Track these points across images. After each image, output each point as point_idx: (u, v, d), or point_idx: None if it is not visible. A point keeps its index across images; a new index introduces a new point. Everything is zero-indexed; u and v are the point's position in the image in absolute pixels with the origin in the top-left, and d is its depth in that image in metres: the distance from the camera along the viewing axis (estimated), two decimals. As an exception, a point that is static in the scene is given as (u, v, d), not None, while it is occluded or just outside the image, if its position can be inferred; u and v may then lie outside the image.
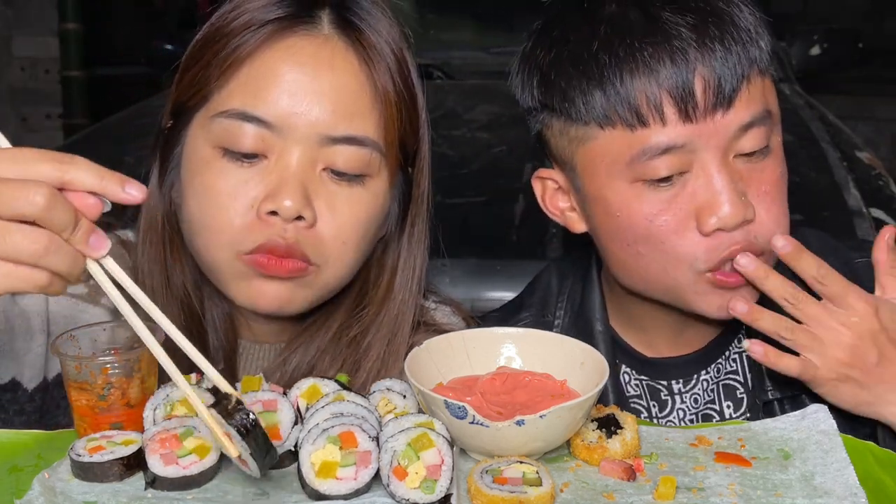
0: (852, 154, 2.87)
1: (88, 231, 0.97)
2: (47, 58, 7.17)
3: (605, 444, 1.12)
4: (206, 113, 1.29)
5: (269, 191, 1.25)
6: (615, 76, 1.29)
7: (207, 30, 1.31)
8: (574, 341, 1.24)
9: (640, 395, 1.51)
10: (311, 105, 1.25)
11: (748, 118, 1.30)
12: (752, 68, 1.30)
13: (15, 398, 1.32)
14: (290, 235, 1.26)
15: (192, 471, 1.05)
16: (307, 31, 1.28)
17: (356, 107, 1.28)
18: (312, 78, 1.26)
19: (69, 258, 0.96)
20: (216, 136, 1.27)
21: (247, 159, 1.26)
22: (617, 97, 1.29)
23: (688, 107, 1.27)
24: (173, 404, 1.13)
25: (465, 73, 3.36)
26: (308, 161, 1.26)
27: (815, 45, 3.92)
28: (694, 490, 1.06)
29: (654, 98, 1.28)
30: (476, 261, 2.29)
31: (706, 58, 1.28)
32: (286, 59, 1.26)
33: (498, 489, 1.01)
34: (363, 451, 1.04)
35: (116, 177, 0.98)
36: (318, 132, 1.26)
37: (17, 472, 1.09)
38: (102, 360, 1.16)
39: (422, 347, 1.22)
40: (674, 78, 1.27)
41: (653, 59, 1.28)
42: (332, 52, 1.28)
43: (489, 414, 1.10)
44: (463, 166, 2.57)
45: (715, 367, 1.50)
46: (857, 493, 1.04)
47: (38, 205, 0.92)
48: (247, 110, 1.25)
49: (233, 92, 1.26)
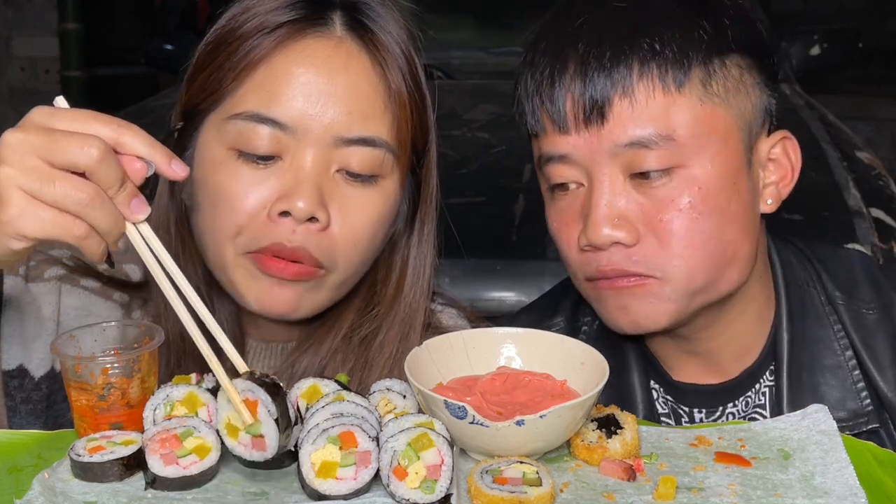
0: (852, 154, 2.87)
1: (132, 193, 1.02)
2: (47, 58, 7.17)
3: (605, 444, 1.12)
4: (219, 115, 1.29)
5: (283, 191, 1.26)
6: (521, 86, 1.37)
7: (218, 32, 1.31)
8: (574, 341, 1.24)
9: (668, 415, 1.48)
10: (325, 107, 1.26)
11: (628, 139, 1.28)
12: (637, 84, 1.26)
13: (22, 385, 1.33)
14: (298, 238, 1.26)
15: (192, 471, 1.05)
16: (320, 33, 1.29)
17: (370, 108, 1.29)
18: (327, 80, 1.26)
19: (110, 216, 1.00)
20: (231, 138, 1.27)
21: (261, 161, 1.26)
22: (519, 106, 1.38)
23: (560, 120, 1.31)
24: (173, 404, 1.13)
25: (465, 73, 3.37)
26: (323, 162, 1.27)
27: (815, 45, 3.92)
28: (694, 490, 1.06)
29: (536, 109, 1.34)
30: (476, 261, 2.29)
31: (579, 74, 1.29)
32: (300, 61, 1.26)
33: (498, 489, 1.01)
34: (363, 451, 1.04)
35: (165, 150, 1.04)
36: (332, 134, 1.26)
37: (17, 472, 1.09)
38: (102, 360, 1.16)
39: (422, 347, 1.22)
40: (549, 92, 1.32)
41: (539, 72, 1.34)
42: (346, 54, 1.29)
43: (489, 414, 1.10)
44: (463, 166, 2.57)
45: (744, 400, 1.44)
46: (857, 493, 1.04)
47: (91, 156, 0.97)
48: (262, 112, 1.25)
49: (247, 94, 1.26)
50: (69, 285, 1.36)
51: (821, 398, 1.37)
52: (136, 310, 1.39)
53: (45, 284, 1.34)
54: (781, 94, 1.48)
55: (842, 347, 1.40)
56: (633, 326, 1.35)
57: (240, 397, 1.01)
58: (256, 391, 1.01)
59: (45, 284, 1.34)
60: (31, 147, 0.98)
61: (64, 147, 0.98)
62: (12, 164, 0.98)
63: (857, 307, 1.41)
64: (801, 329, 1.41)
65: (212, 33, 1.33)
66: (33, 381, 1.32)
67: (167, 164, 1.04)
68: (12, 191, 0.98)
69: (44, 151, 0.98)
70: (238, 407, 1.01)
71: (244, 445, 1.03)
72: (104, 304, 1.37)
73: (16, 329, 1.31)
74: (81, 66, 6.48)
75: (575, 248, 1.35)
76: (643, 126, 1.27)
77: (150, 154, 1.02)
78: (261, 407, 1.01)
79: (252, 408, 1.02)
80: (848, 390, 1.38)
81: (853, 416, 1.38)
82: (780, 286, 1.44)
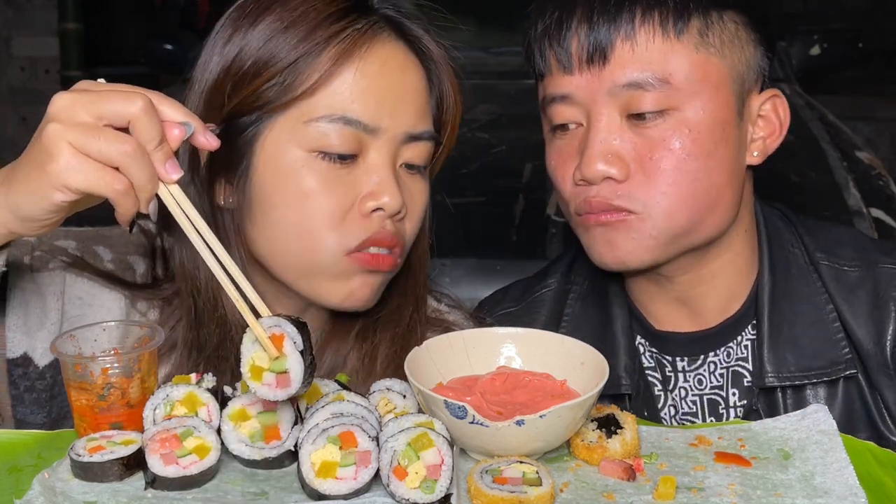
0: (852, 154, 2.87)
1: (168, 153, 1.08)
2: (47, 58, 7.16)
3: (605, 444, 1.12)
4: (290, 120, 1.30)
5: (370, 189, 1.31)
6: (530, 31, 1.45)
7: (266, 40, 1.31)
8: (574, 341, 1.24)
9: (653, 367, 1.53)
10: (397, 106, 1.32)
11: (626, 79, 1.35)
12: (639, 28, 1.34)
13: (26, 374, 1.33)
14: (391, 228, 1.33)
15: (191, 471, 1.06)
16: (379, 36, 1.34)
17: (427, 104, 1.38)
18: (398, 81, 1.33)
19: (148, 171, 1.06)
20: (311, 140, 1.30)
21: (343, 160, 1.31)
22: (529, 50, 1.46)
23: (564, 59, 1.39)
24: (173, 404, 1.13)
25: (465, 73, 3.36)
26: (394, 158, 1.34)
27: (815, 45, 3.92)
28: (694, 490, 1.06)
29: (545, 50, 1.42)
30: (476, 261, 2.30)
31: (586, 17, 1.36)
32: (372, 64, 1.31)
33: (498, 489, 1.01)
34: (363, 450, 1.04)
35: (200, 121, 1.12)
36: (404, 131, 1.33)
37: (17, 472, 1.09)
38: (102, 360, 1.16)
39: (422, 347, 1.22)
40: (556, 33, 1.40)
41: (547, 15, 1.42)
42: (403, 55, 1.36)
43: (489, 414, 1.10)
44: (463, 166, 2.57)
45: (725, 350, 1.50)
46: (857, 493, 1.04)
47: (137, 105, 1.05)
48: (346, 114, 1.30)
49: (324, 99, 1.30)
50: (74, 275, 1.37)
51: (801, 349, 1.44)
52: (140, 300, 1.40)
53: (50, 274, 1.36)
54: (782, 94, 1.49)
55: (823, 302, 1.46)
56: (618, 263, 1.42)
57: (266, 333, 1.04)
58: (283, 325, 1.05)
59: (49, 274, 1.36)
60: (79, 104, 1.06)
61: (109, 99, 1.06)
62: (61, 121, 1.05)
63: (839, 265, 1.48)
64: (784, 284, 1.48)
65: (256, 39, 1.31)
66: (38, 369, 1.33)
67: (201, 134, 1.11)
68: (61, 144, 1.04)
69: (91, 106, 1.05)
70: (264, 342, 1.04)
71: (269, 385, 1.05)
72: (109, 294, 1.38)
73: (20, 317, 1.32)
74: (81, 66, 6.47)
75: (569, 184, 1.43)
76: (642, 68, 1.35)
77: (188, 118, 1.10)
78: (287, 340, 1.04)
79: (278, 343, 1.04)
80: (827, 341, 1.44)
81: (831, 364, 1.43)
82: (763, 243, 1.51)
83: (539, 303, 1.61)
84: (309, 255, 1.32)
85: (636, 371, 1.50)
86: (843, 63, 4.08)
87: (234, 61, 1.32)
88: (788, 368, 1.43)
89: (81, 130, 1.04)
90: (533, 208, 2.47)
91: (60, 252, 1.38)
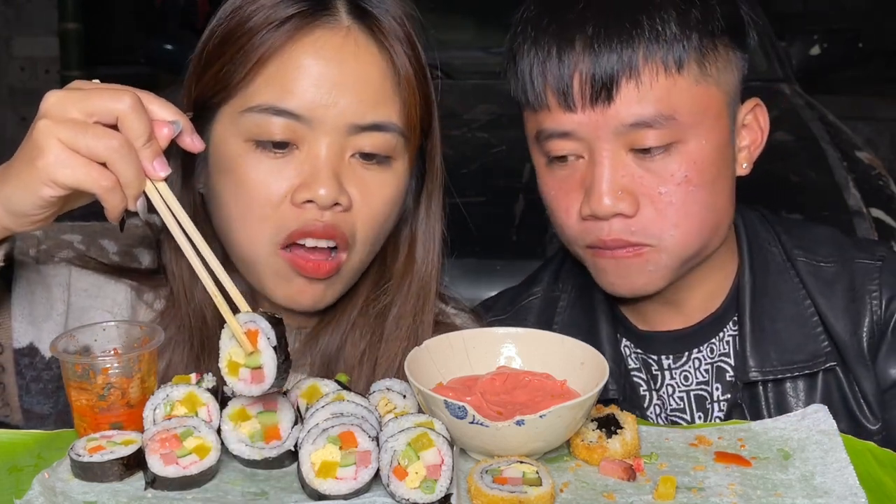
0: (852, 154, 2.87)
1: (157, 151, 1.09)
2: (47, 58, 7.16)
3: (605, 444, 1.12)
4: (232, 108, 1.31)
5: (302, 180, 1.30)
6: (520, 61, 1.42)
7: (225, 27, 1.33)
8: (574, 341, 1.24)
9: (639, 369, 1.54)
10: (338, 96, 1.29)
11: (633, 119, 1.34)
12: (643, 67, 1.33)
13: (32, 364, 1.34)
14: (328, 218, 1.31)
15: (191, 471, 1.06)
16: (328, 23, 1.32)
17: (381, 95, 1.33)
18: (339, 70, 1.30)
19: (135, 168, 1.07)
20: (247, 130, 1.30)
21: (279, 150, 1.30)
22: (519, 81, 1.43)
23: (567, 98, 1.36)
24: (173, 404, 1.13)
25: (465, 73, 3.36)
26: (338, 149, 1.31)
27: (815, 45, 3.92)
28: (694, 490, 1.06)
29: (540, 86, 1.39)
30: (476, 261, 2.29)
31: (588, 54, 1.34)
32: (311, 52, 1.30)
33: (498, 489, 1.01)
34: (363, 450, 1.04)
35: (188, 121, 1.13)
36: (346, 122, 1.30)
37: (17, 472, 1.09)
38: (102, 360, 1.16)
39: (422, 347, 1.22)
40: (556, 70, 1.37)
41: (544, 50, 1.38)
42: (354, 43, 1.32)
43: (489, 414, 1.10)
44: (463, 166, 2.57)
45: (708, 346, 1.52)
46: (857, 493, 1.04)
47: (125, 102, 1.06)
48: (276, 104, 1.28)
49: (260, 87, 1.29)
50: (80, 266, 1.37)
51: (782, 344, 1.46)
52: (146, 292, 1.41)
53: (56, 266, 1.37)
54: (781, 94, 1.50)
55: (801, 297, 1.49)
56: (632, 292, 1.44)
57: (242, 329, 1.06)
58: (258, 321, 1.06)
59: (55, 266, 1.37)
60: (69, 101, 1.07)
61: (99, 96, 1.07)
62: (51, 117, 1.07)
63: (816, 262, 1.51)
64: (763, 281, 1.50)
65: (217, 27, 1.34)
66: (44, 360, 1.34)
67: (188, 136, 1.12)
68: (51, 140, 1.06)
69: (81, 103, 1.07)
70: (239, 337, 1.05)
71: (244, 381, 1.05)
72: (115, 286, 1.39)
73: (26, 308, 1.33)
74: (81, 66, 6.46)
75: (574, 218, 1.41)
76: (647, 106, 1.34)
77: (177, 117, 1.11)
78: (261, 336, 1.05)
79: (253, 339, 1.05)
80: (807, 335, 1.47)
81: (812, 357, 1.46)
82: (742, 242, 1.53)
83: (526, 311, 1.61)
84: (248, 247, 1.33)
85: (622, 375, 1.52)
86: (843, 63, 4.08)
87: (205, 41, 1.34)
88: (771, 363, 1.45)
89: (70, 126, 1.06)
90: (533, 208, 2.47)
91: (66, 246, 1.40)
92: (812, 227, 1.59)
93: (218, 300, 1.08)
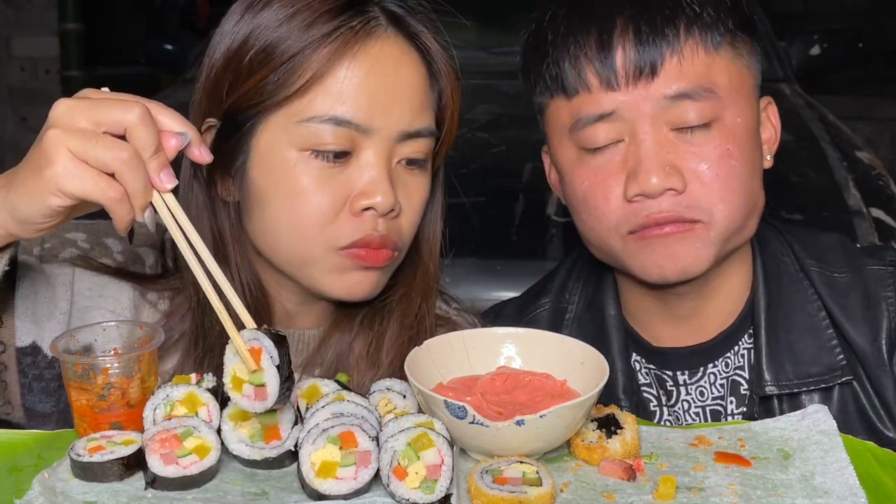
0: (852, 154, 2.86)
1: (164, 162, 1.09)
2: (47, 58, 7.16)
3: (605, 444, 1.12)
4: (285, 119, 1.31)
5: (361, 188, 1.32)
6: (554, 48, 1.43)
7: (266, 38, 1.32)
8: (574, 341, 1.24)
9: (650, 384, 1.54)
10: (391, 105, 1.32)
11: (675, 90, 1.37)
12: (684, 43, 1.37)
13: (35, 362, 1.34)
14: (383, 228, 1.33)
15: (192, 471, 1.06)
16: (375, 33, 1.34)
17: (424, 100, 1.37)
18: (392, 79, 1.33)
19: (143, 180, 1.07)
20: (304, 139, 1.31)
21: (337, 159, 1.32)
22: (553, 67, 1.43)
23: (609, 76, 1.38)
24: (173, 404, 1.13)
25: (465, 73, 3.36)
26: (389, 156, 1.34)
27: (815, 45, 3.92)
28: (694, 490, 1.06)
29: (580, 70, 1.40)
30: (476, 261, 2.29)
31: (629, 31, 1.37)
32: (363, 63, 1.31)
33: (498, 489, 1.01)
34: (363, 451, 1.04)
35: (197, 133, 1.13)
36: (398, 129, 1.33)
37: (17, 472, 1.09)
38: (102, 360, 1.16)
39: (422, 347, 1.22)
40: (597, 51, 1.39)
41: (581, 32, 1.40)
42: (400, 52, 1.35)
43: (489, 414, 1.10)
44: (463, 166, 2.57)
45: (723, 361, 1.51)
46: (857, 493, 1.04)
47: (134, 113, 1.06)
48: (337, 115, 1.30)
49: (317, 98, 1.31)
50: (83, 266, 1.38)
51: (797, 356, 1.46)
52: (149, 292, 1.41)
53: (59, 265, 1.38)
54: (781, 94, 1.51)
55: (815, 309, 1.49)
56: (679, 274, 1.41)
57: (246, 346, 1.05)
58: (261, 339, 1.05)
59: (59, 265, 1.38)
60: (78, 111, 1.07)
61: (108, 106, 1.07)
62: (60, 126, 1.07)
63: (829, 272, 1.51)
64: (777, 293, 1.50)
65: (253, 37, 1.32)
66: (46, 358, 1.34)
67: (195, 148, 1.12)
68: (60, 149, 1.06)
69: (90, 113, 1.07)
70: (243, 354, 1.05)
71: (248, 397, 1.05)
72: (118, 285, 1.39)
73: (29, 307, 1.34)
74: (81, 66, 6.48)
75: (615, 202, 1.41)
76: (690, 80, 1.37)
77: (185, 128, 1.11)
78: (264, 354, 1.04)
79: (256, 356, 1.05)
80: (822, 347, 1.46)
81: (827, 370, 1.45)
82: (756, 254, 1.53)
83: (534, 323, 1.60)
84: (301, 251, 1.34)
85: (634, 392, 1.51)
86: (843, 63, 4.08)
87: (238, 51, 1.33)
88: (787, 377, 1.44)
89: (79, 136, 1.06)
90: (533, 208, 2.47)
91: (70, 244, 1.40)
92: (819, 234, 1.59)
93: (223, 316, 1.08)
